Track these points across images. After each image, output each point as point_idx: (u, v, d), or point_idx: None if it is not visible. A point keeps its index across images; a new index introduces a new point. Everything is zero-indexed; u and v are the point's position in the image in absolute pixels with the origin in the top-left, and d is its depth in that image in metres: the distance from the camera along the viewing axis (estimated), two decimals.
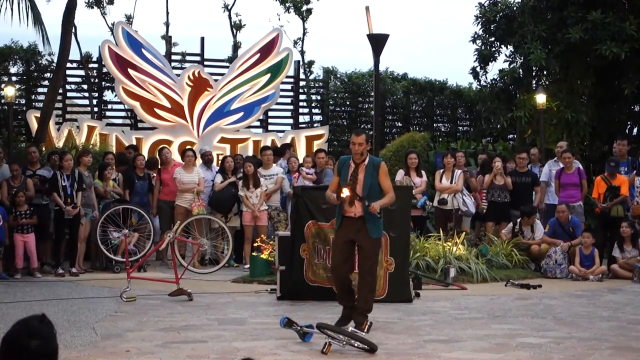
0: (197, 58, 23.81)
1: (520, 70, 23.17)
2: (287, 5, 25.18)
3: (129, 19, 23.90)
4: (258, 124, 24.01)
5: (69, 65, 21.76)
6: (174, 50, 23.99)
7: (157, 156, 18.16)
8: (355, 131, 10.40)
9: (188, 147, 18.70)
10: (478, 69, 23.78)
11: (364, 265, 10.08)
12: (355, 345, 8.83)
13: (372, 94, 20.85)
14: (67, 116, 23.14)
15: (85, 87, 23.64)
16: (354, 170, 10.04)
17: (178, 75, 21.51)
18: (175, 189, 16.89)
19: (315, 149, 20.84)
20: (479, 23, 23.35)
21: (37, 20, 18.98)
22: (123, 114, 24.43)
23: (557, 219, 16.30)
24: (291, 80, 24.50)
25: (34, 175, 15.85)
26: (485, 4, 23.39)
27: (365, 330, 9.60)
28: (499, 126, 23.69)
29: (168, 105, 21.12)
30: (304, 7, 25.24)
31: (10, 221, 15.08)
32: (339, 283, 10.26)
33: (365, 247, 9.99)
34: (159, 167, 17.76)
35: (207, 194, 17.11)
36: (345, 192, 9.83)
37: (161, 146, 18.91)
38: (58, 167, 15.69)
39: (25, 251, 15.19)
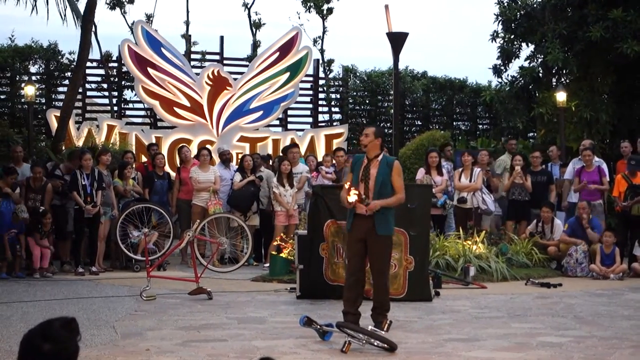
0: (217, 57, 23.85)
1: (540, 69, 23.07)
2: (308, 4, 25.11)
3: (149, 18, 23.92)
4: (277, 122, 24.01)
5: (88, 64, 21.82)
6: (193, 49, 24.03)
7: (177, 155, 18.25)
8: (367, 125, 10.21)
9: (203, 146, 18.73)
10: (500, 66, 23.66)
11: (375, 265, 9.98)
12: (375, 344, 8.82)
13: (392, 92, 20.76)
14: (87, 115, 23.20)
15: (105, 86, 23.70)
16: (367, 165, 9.97)
17: (197, 74, 21.53)
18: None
19: (334, 147, 20.80)
20: (499, 22, 23.24)
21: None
22: (143, 113, 24.54)
23: (576, 219, 16.23)
24: (310, 78, 24.50)
25: (58, 178, 15.90)
26: (505, 2, 23.28)
27: (385, 329, 9.57)
28: (518, 125, 23.59)
29: (187, 104, 21.15)
30: (325, 6, 25.17)
31: (37, 239, 15.12)
32: (355, 286, 9.98)
33: (375, 246, 9.87)
34: (179, 165, 17.84)
35: (226, 192, 17.12)
36: (353, 197, 9.64)
37: (181, 145, 18.95)
38: (78, 166, 15.73)
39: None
